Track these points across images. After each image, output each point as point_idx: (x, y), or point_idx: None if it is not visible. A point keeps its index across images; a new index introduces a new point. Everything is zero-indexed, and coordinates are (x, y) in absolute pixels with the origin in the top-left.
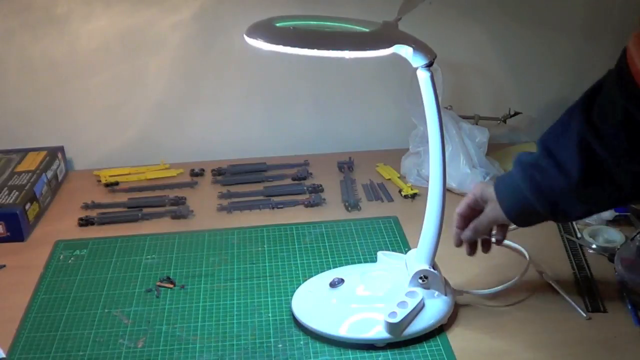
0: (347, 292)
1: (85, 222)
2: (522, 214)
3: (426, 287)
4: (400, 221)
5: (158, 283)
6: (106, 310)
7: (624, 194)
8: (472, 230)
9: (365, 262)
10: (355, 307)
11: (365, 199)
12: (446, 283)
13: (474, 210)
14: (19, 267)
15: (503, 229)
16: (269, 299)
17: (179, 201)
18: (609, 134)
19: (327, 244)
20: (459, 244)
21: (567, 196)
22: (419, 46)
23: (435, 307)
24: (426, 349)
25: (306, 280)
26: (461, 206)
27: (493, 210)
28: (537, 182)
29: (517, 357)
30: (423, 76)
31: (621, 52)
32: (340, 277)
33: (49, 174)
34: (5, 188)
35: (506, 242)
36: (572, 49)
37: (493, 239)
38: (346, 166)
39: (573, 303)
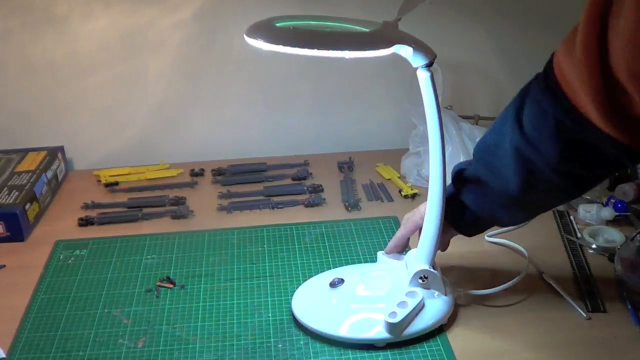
0: (347, 292)
1: (85, 222)
2: (470, 226)
3: (426, 287)
4: (400, 221)
5: (158, 283)
6: (106, 310)
7: (566, 194)
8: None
9: (365, 262)
10: (355, 307)
11: (365, 199)
12: (446, 283)
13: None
14: (19, 267)
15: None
16: (269, 299)
17: (179, 201)
18: (542, 143)
19: (327, 244)
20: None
21: (511, 205)
22: (419, 46)
23: (435, 307)
24: (426, 349)
25: (306, 280)
26: (408, 230)
27: (445, 229)
28: (479, 196)
29: (517, 357)
30: (423, 76)
31: (549, 59)
32: (340, 277)
33: (49, 174)
34: (5, 188)
35: (506, 242)
36: None
37: None
38: (346, 166)
39: (573, 303)
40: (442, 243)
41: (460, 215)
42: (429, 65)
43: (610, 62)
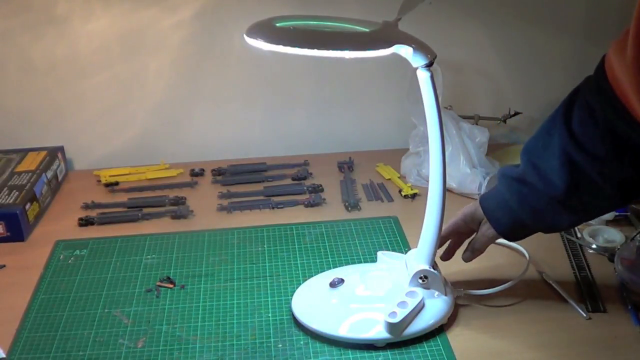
0: (347, 292)
1: (85, 222)
2: (512, 229)
3: (426, 287)
4: (400, 221)
5: (158, 283)
6: (106, 310)
7: (610, 201)
8: (471, 251)
9: (365, 262)
10: (355, 307)
11: (365, 199)
12: (446, 283)
13: (459, 233)
14: (19, 267)
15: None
16: (269, 299)
17: (179, 201)
18: (590, 145)
19: (327, 244)
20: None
21: (555, 208)
22: (419, 46)
23: (435, 307)
24: (426, 349)
25: (306, 280)
26: (448, 229)
27: (489, 230)
28: (524, 197)
29: (517, 357)
30: (423, 76)
31: (600, 61)
32: (340, 277)
33: (49, 174)
34: (5, 188)
35: (506, 242)
36: (572, 49)
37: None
38: (346, 166)
39: (573, 303)
40: (481, 248)
41: (503, 217)
42: (429, 65)
43: None
